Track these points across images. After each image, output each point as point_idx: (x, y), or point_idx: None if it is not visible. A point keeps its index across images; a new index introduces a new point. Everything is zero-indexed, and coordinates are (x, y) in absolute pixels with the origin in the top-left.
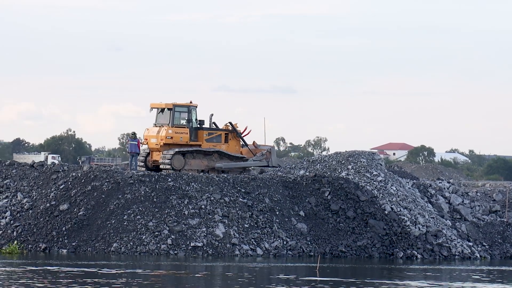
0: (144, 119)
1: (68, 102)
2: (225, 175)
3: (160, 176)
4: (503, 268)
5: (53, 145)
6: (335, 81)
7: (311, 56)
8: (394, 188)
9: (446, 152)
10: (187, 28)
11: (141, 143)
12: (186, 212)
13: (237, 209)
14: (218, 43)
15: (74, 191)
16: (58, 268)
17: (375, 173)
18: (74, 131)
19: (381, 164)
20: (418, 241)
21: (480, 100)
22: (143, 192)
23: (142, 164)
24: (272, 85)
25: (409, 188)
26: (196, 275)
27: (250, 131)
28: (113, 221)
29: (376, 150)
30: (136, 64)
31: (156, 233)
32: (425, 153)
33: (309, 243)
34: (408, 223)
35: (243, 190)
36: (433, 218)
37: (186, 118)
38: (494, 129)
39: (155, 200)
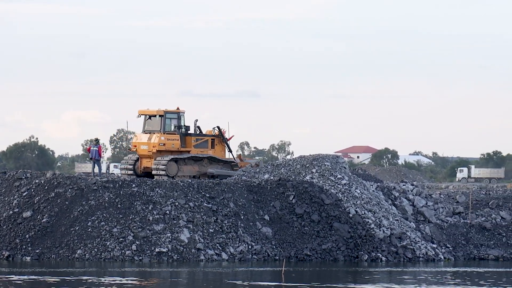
0: (108, 125)
1: (32, 109)
2: (190, 181)
3: (124, 182)
4: (467, 269)
5: (16, 152)
6: (299, 85)
7: (274, 61)
8: (358, 191)
9: (409, 154)
10: (150, 33)
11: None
12: (150, 218)
13: (202, 214)
14: (181, 48)
15: (37, 198)
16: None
17: (339, 176)
18: (37, 138)
19: (345, 167)
20: (382, 243)
21: (443, 103)
22: (107, 198)
23: (131, 170)
24: (237, 89)
25: (373, 191)
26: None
27: (233, 136)
28: (77, 228)
29: (340, 154)
30: (100, 70)
31: (121, 239)
32: (389, 155)
33: (274, 247)
34: (372, 225)
35: (207, 195)
36: (397, 220)
37: (176, 125)
38: (457, 131)
39: (119, 206)
